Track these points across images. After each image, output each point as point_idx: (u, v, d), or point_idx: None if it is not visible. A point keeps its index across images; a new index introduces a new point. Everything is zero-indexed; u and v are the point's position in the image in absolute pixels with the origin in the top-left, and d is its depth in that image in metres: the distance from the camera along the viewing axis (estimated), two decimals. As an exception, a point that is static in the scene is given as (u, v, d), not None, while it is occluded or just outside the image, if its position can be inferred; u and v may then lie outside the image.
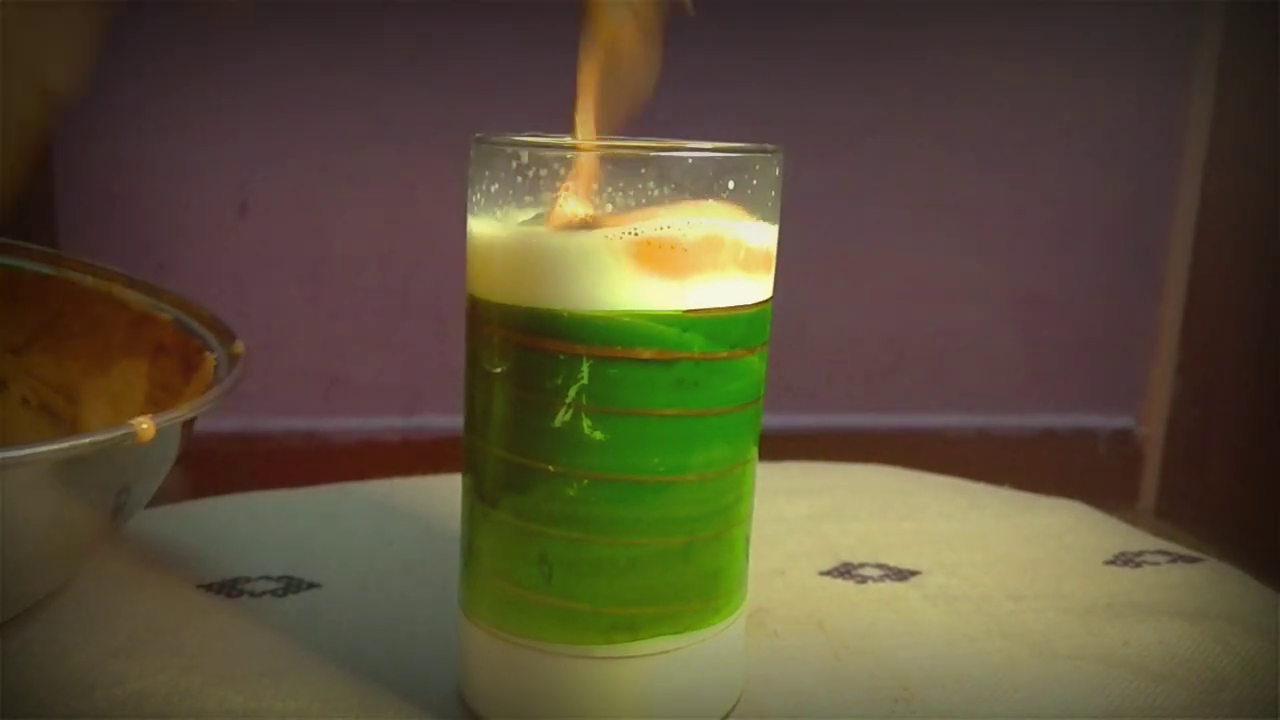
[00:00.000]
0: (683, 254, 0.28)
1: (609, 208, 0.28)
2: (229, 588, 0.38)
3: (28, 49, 0.23)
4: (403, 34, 0.96)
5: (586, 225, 0.28)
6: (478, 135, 0.30)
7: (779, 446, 0.37)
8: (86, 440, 0.30)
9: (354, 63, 0.97)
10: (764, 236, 0.30)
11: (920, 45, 1.01)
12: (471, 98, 0.97)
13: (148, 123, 0.95)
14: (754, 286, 0.29)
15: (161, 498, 0.49)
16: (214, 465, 0.98)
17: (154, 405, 0.41)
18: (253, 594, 0.38)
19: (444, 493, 0.48)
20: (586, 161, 0.28)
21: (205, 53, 0.94)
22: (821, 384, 1.08)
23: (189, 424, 0.34)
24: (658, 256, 0.27)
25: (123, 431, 0.30)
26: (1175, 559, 0.43)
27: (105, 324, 0.43)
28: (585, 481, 0.28)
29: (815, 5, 0.98)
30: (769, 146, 0.30)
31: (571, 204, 0.28)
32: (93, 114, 0.94)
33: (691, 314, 0.28)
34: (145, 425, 0.31)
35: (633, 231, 0.27)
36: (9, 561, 0.32)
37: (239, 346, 0.40)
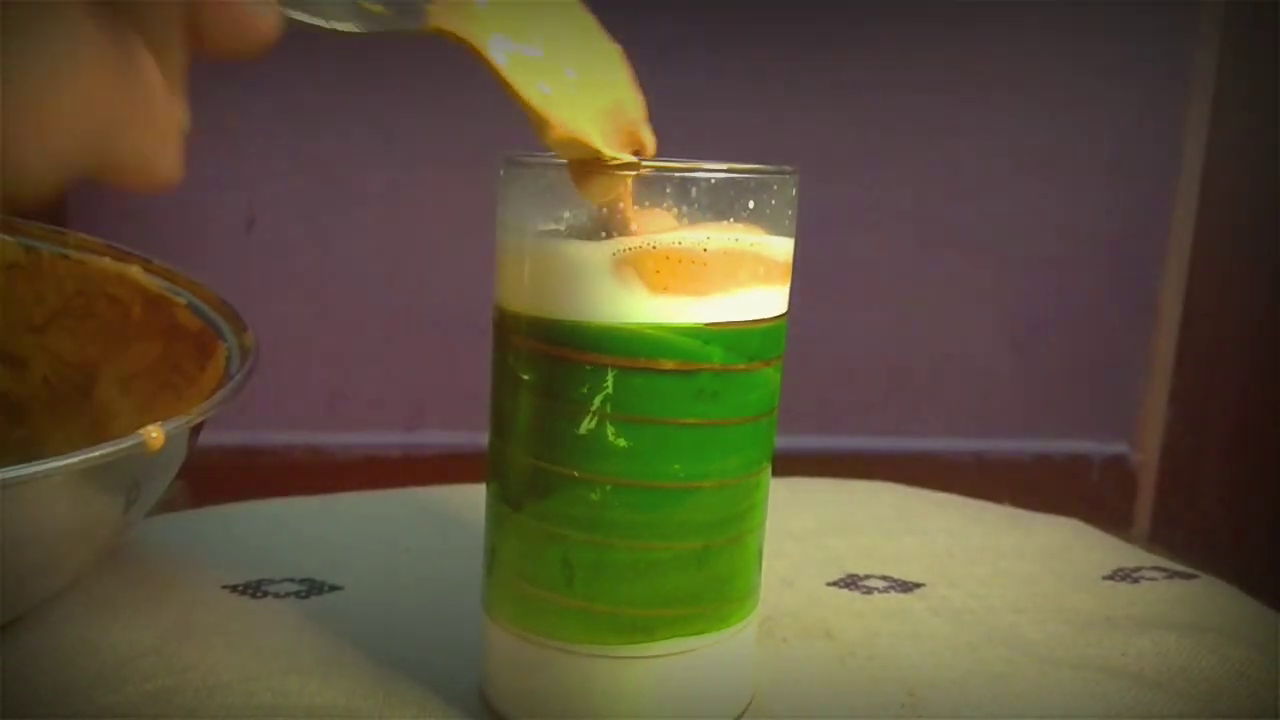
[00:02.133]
0: (704, 269, 0.29)
1: (633, 226, 0.30)
2: (253, 589, 0.39)
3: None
4: (411, 52, 0.98)
5: (612, 239, 0.29)
6: (508, 153, 0.31)
7: (777, 467, 0.38)
8: (96, 454, 0.31)
9: (362, 80, 0.98)
10: (781, 253, 0.31)
11: (921, 74, 1.03)
12: (479, 115, 0.99)
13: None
14: (771, 301, 0.31)
15: (167, 510, 0.50)
16: (217, 478, 0.98)
17: (169, 389, 0.42)
18: (277, 595, 0.39)
19: (459, 501, 0.50)
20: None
21: (213, 69, 0.95)
22: (818, 406, 1.09)
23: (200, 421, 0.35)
24: (680, 271, 0.29)
25: (132, 442, 0.31)
26: (1171, 575, 0.44)
27: (123, 305, 0.44)
28: (608, 487, 0.29)
29: (821, 34, 1.00)
30: (787, 168, 0.31)
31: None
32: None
33: (712, 327, 0.29)
34: (155, 434, 0.32)
35: (655, 246, 0.28)
36: (27, 560, 0.33)
37: (250, 337, 0.41)
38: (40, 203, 0.21)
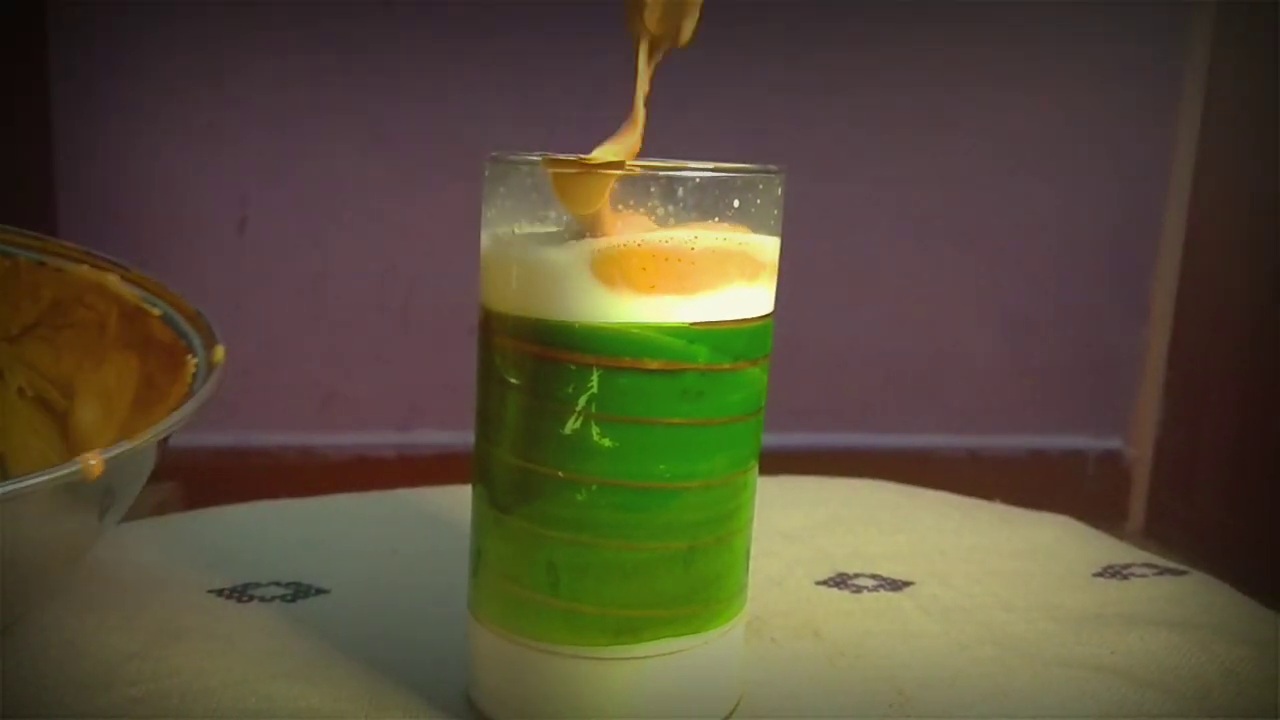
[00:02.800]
0: (690, 268, 0.29)
1: (618, 225, 0.29)
2: (239, 593, 0.39)
3: None
4: (403, 52, 0.98)
5: (597, 239, 0.29)
6: (493, 154, 0.31)
7: (770, 464, 0.38)
8: (28, 483, 0.30)
9: (354, 80, 0.98)
10: (767, 253, 0.31)
11: (915, 73, 1.03)
12: (471, 115, 0.99)
13: (149, 139, 0.96)
14: (757, 301, 0.31)
15: (160, 510, 0.49)
16: (210, 480, 0.98)
17: (141, 405, 0.41)
18: (263, 599, 0.39)
19: (447, 502, 0.49)
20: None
21: (206, 69, 0.95)
22: (812, 404, 1.09)
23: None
24: (666, 271, 0.29)
25: (69, 469, 0.31)
26: (1162, 571, 0.44)
27: (100, 315, 0.43)
28: (594, 487, 0.29)
29: (816, 34, 1.00)
30: (772, 167, 0.31)
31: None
32: (93, 130, 0.95)
33: (698, 326, 0.29)
34: (93, 462, 0.31)
35: (642, 244, 0.28)
36: (5, 575, 0.32)
37: (219, 353, 0.40)
38: None
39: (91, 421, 0.42)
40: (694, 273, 0.29)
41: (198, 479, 0.96)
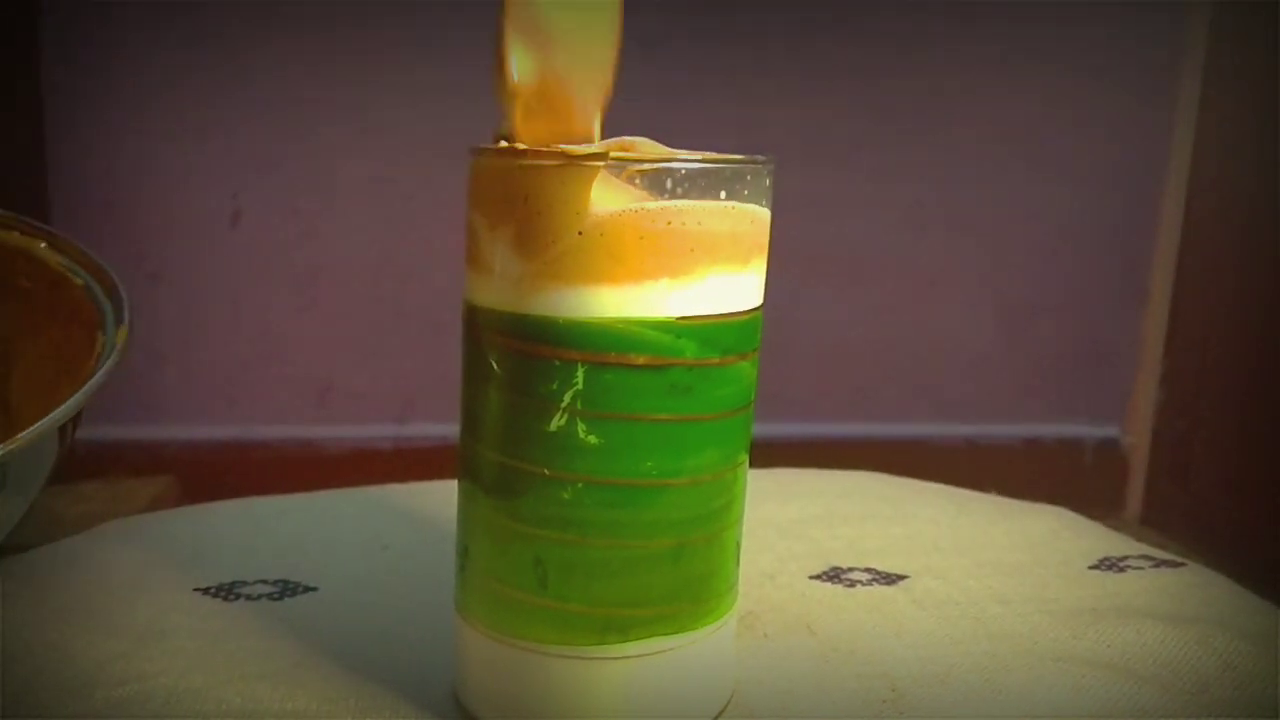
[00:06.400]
0: (678, 261, 0.28)
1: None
2: (226, 591, 0.39)
3: None
4: (396, 42, 0.97)
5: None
6: (473, 145, 0.30)
7: (766, 455, 0.38)
8: None
9: (347, 71, 0.97)
10: (755, 245, 0.30)
11: (909, 59, 1.02)
12: (466, 106, 0.98)
13: (140, 132, 0.95)
14: (746, 293, 0.30)
15: (156, 505, 0.49)
16: (206, 474, 0.98)
17: (68, 376, 0.39)
18: (250, 597, 0.38)
19: (438, 498, 0.49)
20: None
21: (198, 62, 0.95)
22: (808, 393, 1.09)
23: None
24: (652, 263, 0.28)
25: None
26: (1159, 564, 0.44)
27: (32, 283, 0.42)
28: (579, 485, 0.29)
29: (806, 21, 0.99)
30: (761, 157, 0.30)
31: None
32: (86, 124, 0.94)
33: (684, 320, 0.29)
34: None
35: (631, 229, 0.28)
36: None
37: (123, 333, 0.38)
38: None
39: (26, 391, 0.41)
40: (681, 266, 0.28)
41: (195, 473, 0.95)
